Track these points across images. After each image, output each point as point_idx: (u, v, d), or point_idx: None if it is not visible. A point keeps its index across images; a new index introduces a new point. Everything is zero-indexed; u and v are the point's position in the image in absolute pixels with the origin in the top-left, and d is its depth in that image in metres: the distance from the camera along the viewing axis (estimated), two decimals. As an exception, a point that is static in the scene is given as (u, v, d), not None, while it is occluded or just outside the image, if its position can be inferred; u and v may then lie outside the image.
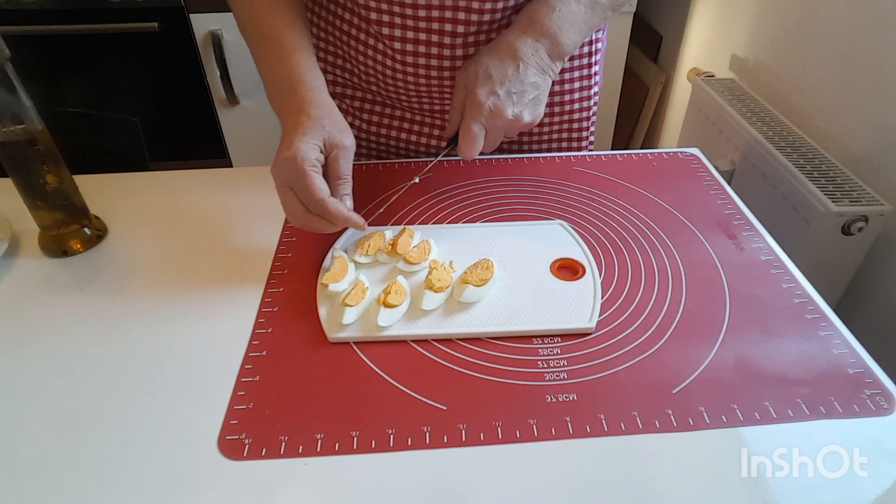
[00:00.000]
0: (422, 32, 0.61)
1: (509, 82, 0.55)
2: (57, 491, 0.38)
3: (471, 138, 0.55)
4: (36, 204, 0.55)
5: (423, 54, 0.62)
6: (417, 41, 0.62)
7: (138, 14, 1.34)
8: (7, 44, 0.48)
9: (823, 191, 0.92)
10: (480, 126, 0.55)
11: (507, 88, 0.55)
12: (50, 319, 0.51)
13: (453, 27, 0.60)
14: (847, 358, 0.46)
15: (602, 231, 0.59)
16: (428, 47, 0.62)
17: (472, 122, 0.55)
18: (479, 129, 0.55)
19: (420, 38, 0.61)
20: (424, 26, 0.60)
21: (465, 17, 0.60)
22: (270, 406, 0.43)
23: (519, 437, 0.41)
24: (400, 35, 0.62)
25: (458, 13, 0.59)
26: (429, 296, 0.49)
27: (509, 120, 0.56)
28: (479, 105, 0.55)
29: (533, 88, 0.57)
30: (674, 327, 0.49)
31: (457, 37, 0.61)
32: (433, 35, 0.61)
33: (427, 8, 0.59)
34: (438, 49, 0.62)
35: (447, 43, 0.61)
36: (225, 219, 0.62)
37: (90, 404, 0.43)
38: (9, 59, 0.48)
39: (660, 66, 1.73)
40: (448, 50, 0.62)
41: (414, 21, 0.60)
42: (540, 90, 0.58)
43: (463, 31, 0.60)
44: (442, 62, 0.63)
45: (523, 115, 0.56)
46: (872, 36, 0.95)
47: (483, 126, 0.56)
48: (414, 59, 0.63)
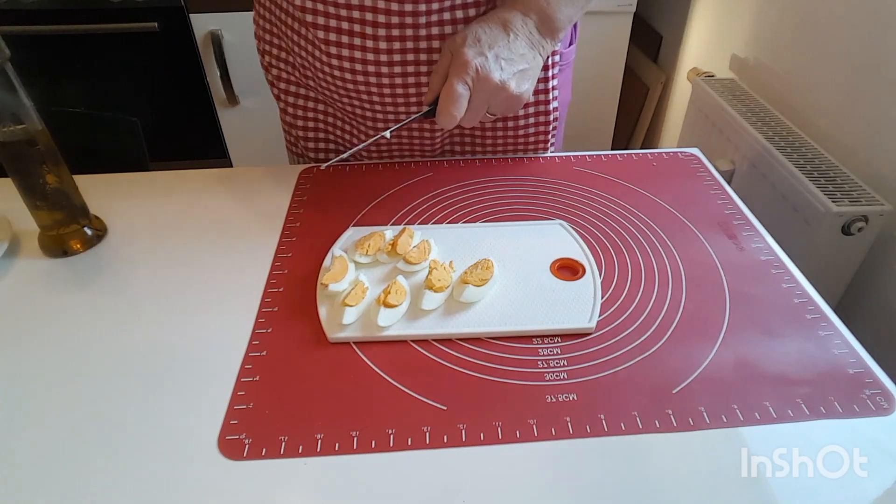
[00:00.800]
0: (344, 21, 0.59)
1: (498, 47, 0.53)
2: (57, 491, 0.38)
3: (454, 97, 0.52)
4: (36, 204, 0.55)
5: (347, 45, 0.60)
6: (340, 31, 0.59)
7: (138, 14, 1.34)
8: (7, 44, 0.48)
9: (823, 191, 0.92)
10: (465, 86, 0.53)
11: (495, 52, 0.53)
12: (50, 319, 0.51)
13: (374, 16, 0.58)
14: (847, 358, 0.46)
15: (602, 231, 0.59)
16: (351, 38, 0.59)
17: (457, 80, 0.52)
18: (464, 89, 0.52)
19: (343, 28, 0.59)
20: (346, 14, 0.58)
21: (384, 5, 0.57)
22: (270, 406, 0.43)
23: (519, 437, 0.41)
24: (323, 23, 0.59)
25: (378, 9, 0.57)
26: (429, 296, 0.49)
27: (496, 84, 0.53)
28: (465, 63, 0.52)
29: (522, 60, 0.55)
30: (674, 327, 0.49)
31: (378, 27, 0.58)
32: (355, 25, 0.58)
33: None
34: (361, 40, 0.59)
35: (370, 34, 0.59)
36: (225, 219, 0.62)
37: (90, 404, 0.43)
38: (9, 59, 0.48)
39: (660, 66, 1.73)
40: (371, 42, 0.59)
41: (335, 9, 0.58)
42: (529, 65, 0.55)
43: (384, 21, 0.58)
44: (366, 55, 0.60)
45: (510, 84, 0.54)
46: (873, 36, 0.95)
47: (468, 87, 0.53)
48: (338, 50, 0.60)
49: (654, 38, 1.74)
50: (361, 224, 0.60)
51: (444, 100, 0.53)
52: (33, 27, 1.34)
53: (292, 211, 0.62)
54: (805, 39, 1.11)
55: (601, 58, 1.61)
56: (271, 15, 0.67)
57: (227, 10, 1.39)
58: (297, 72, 0.68)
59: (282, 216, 0.61)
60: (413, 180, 0.67)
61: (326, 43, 0.61)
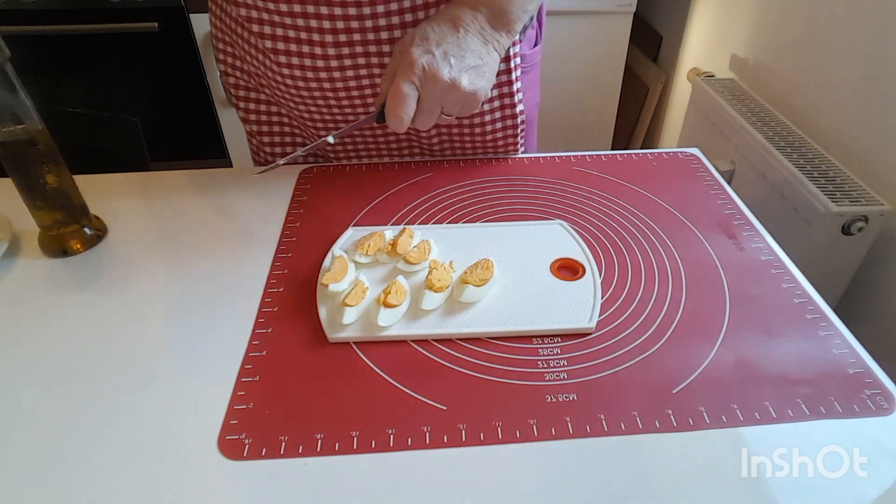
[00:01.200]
0: (290, 30, 0.58)
1: (447, 44, 0.51)
2: (56, 490, 0.38)
3: (400, 98, 0.50)
4: (36, 204, 0.55)
5: (296, 53, 0.59)
6: (287, 39, 0.59)
7: (138, 14, 1.34)
8: (7, 44, 0.48)
9: (823, 191, 0.92)
10: (412, 86, 0.50)
11: (443, 49, 0.51)
12: (50, 319, 0.50)
13: (318, 23, 0.57)
14: (847, 358, 0.46)
15: (602, 231, 0.59)
16: (299, 45, 0.59)
17: (403, 81, 0.50)
18: (410, 89, 0.50)
19: (290, 36, 0.58)
20: (290, 23, 0.58)
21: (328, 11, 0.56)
22: (270, 406, 0.43)
23: (519, 437, 0.41)
24: (270, 33, 0.59)
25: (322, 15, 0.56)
26: (429, 296, 0.49)
27: (445, 82, 0.51)
28: (411, 63, 0.50)
29: (474, 56, 0.52)
30: (674, 327, 0.49)
31: (325, 33, 0.57)
32: (301, 32, 0.58)
33: (288, 2, 0.56)
34: (310, 48, 0.59)
35: (317, 40, 0.58)
36: (225, 219, 0.62)
37: (90, 404, 0.43)
38: (9, 59, 0.48)
39: (660, 66, 1.74)
40: (319, 49, 0.58)
41: (279, 17, 0.57)
42: (483, 61, 0.53)
43: (330, 27, 0.57)
44: (315, 62, 0.59)
45: (461, 80, 0.51)
46: (873, 36, 0.95)
47: (415, 87, 0.51)
48: (287, 59, 0.60)
49: (654, 38, 1.74)
50: (361, 224, 0.60)
51: (390, 101, 0.51)
52: (33, 27, 1.34)
53: (292, 211, 0.62)
54: (805, 39, 1.11)
55: (601, 58, 1.61)
56: (223, 24, 0.66)
57: (227, 10, 1.39)
58: (253, 79, 0.68)
59: (282, 216, 0.61)
60: (413, 180, 0.67)
61: (275, 52, 0.60)
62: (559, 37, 1.56)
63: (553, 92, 1.65)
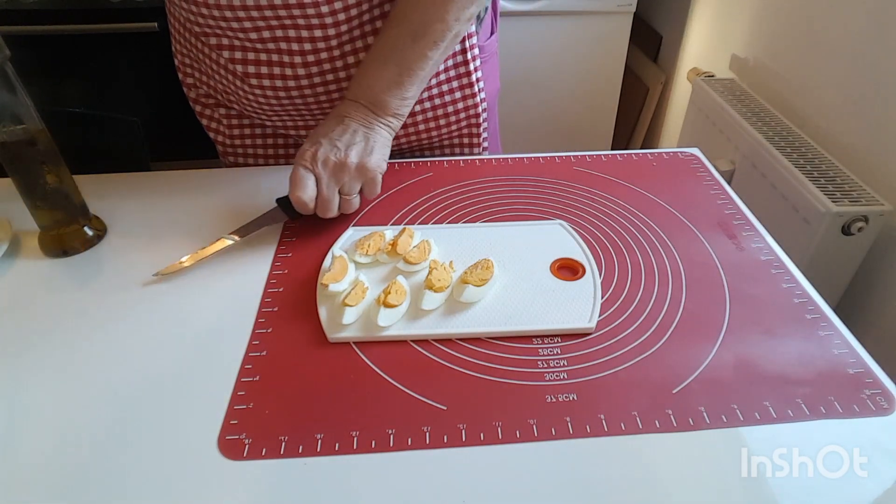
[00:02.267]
0: (262, 53, 0.61)
1: (332, 133, 0.57)
2: (56, 491, 0.38)
3: (296, 180, 0.55)
4: (36, 204, 0.55)
5: (267, 76, 0.62)
6: (259, 62, 0.62)
7: (138, 14, 1.34)
8: (7, 44, 0.48)
9: (823, 191, 0.92)
10: (306, 171, 0.55)
11: (329, 139, 0.57)
12: (50, 319, 0.50)
13: (288, 45, 0.60)
14: (847, 358, 0.46)
15: (602, 231, 0.59)
16: (270, 68, 0.62)
17: (297, 167, 0.56)
18: (305, 172, 0.55)
19: (261, 59, 0.61)
20: (261, 47, 0.61)
21: (299, 34, 0.59)
22: (270, 406, 0.43)
23: (519, 437, 0.41)
24: (241, 57, 0.62)
25: (290, 38, 0.59)
26: (429, 296, 0.49)
27: (334, 161, 0.56)
28: (302, 152, 0.56)
29: (358, 136, 0.57)
30: (674, 327, 0.49)
31: (294, 56, 0.61)
32: (273, 55, 0.61)
33: (257, 30, 0.59)
34: (281, 69, 0.62)
35: (287, 62, 0.61)
36: (225, 219, 0.62)
37: (90, 404, 0.43)
38: (9, 59, 0.48)
39: (660, 66, 1.74)
40: (290, 69, 0.62)
41: (251, 43, 0.60)
42: (369, 140, 0.58)
43: (298, 48, 0.60)
44: (287, 82, 0.62)
45: (349, 157, 0.56)
46: (872, 35, 0.95)
47: (309, 171, 0.55)
48: (259, 80, 0.63)
49: (654, 38, 1.74)
50: (361, 224, 0.60)
51: (291, 187, 0.56)
52: (33, 27, 1.33)
53: (292, 211, 0.62)
54: (805, 39, 1.11)
55: (601, 58, 1.61)
56: (185, 41, 0.68)
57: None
58: (220, 95, 0.70)
59: (282, 216, 0.61)
60: (413, 180, 0.67)
61: (247, 75, 0.63)
62: (559, 37, 1.56)
63: (553, 92, 1.65)
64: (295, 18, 0.58)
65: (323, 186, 0.56)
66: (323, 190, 0.56)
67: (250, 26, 0.59)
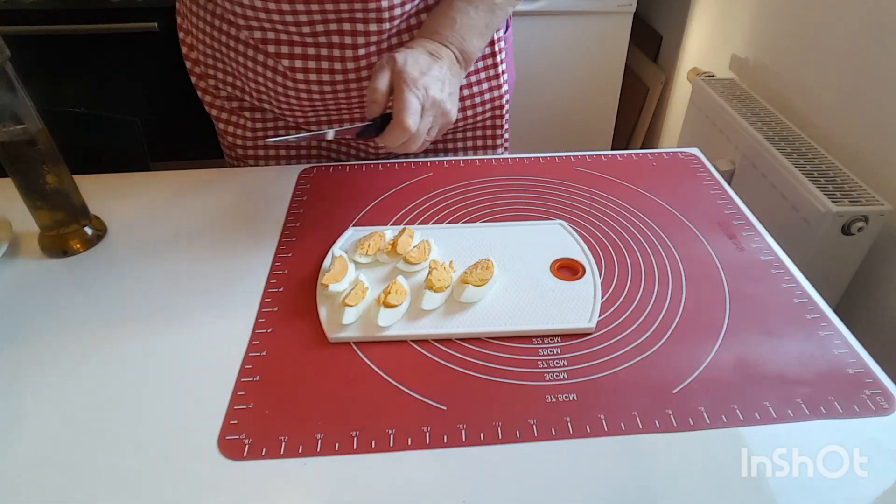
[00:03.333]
0: (310, 48, 0.61)
1: (431, 70, 0.55)
2: (57, 491, 0.38)
3: (412, 108, 0.51)
4: (36, 204, 0.55)
5: (315, 70, 0.62)
6: (307, 56, 0.61)
7: (138, 14, 1.34)
8: (7, 44, 0.48)
9: (823, 191, 0.92)
10: (418, 99, 0.52)
11: (432, 75, 0.55)
12: (50, 319, 0.50)
13: (341, 39, 0.60)
14: (847, 358, 0.46)
15: (602, 231, 0.59)
16: (318, 62, 0.61)
17: (410, 92, 0.52)
18: (417, 101, 0.52)
19: (309, 54, 0.61)
20: (312, 41, 0.60)
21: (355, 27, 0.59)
22: (270, 406, 0.43)
23: (519, 437, 0.41)
24: (287, 52, 0.61)
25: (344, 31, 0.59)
26: (429, 296, 0.49)
27: (439, 101, 0.54)
28: (415, 79, 0.52)
29: (449, 84, 0.57)
30: (674, 327, 0.49)
31: (346, 49, 0.61)
32: (322, 49, 0.61)
33: (311, 24, 0.59)
34: (329, 63, 0.61)
35: (338, 56, 0.61)
36: (225, 219, 0.62)
37: (90, 404, 0.43)
38: (9, 59, 0.48)
39: (660, 66, 1.74)
40: (339, 63, 0.61)
41: (300, 37, 0.60)
42: (454, 89, 0.58)
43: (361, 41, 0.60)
44: (334, 76, 0.62)
45: (447, 104, 0.55)
46: (872, 36, 0.95)
47: (419, 101, 0.52)
48: (305, 75, 0.62)
49: (654, 38, 1.74)
50: (361, 224, 0.60)
51: (401, 111, 0.51)
52: (33, 27, 1.33)
53: (292, 211, 0.62)
54: (805, 39, 1.11)
55: (601, 58, 1.61)
56: (206, 44, 0.67)
57: (227, 10, 1.39)
58: (245, 95, 0.70)
59: (282, 216, 0.61)
60: (413, 180, 0.67)
61: (293, 70, 0.62)
62: (559, 37, 1.56)
63: (553, 92, 1.65)
64: (354, 12, 0.58)
65: (424, 125, 0.54)
66: (421, 126, 0.54)
67: (305, 20, 0.58)
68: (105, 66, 1.44)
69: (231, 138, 0.74)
